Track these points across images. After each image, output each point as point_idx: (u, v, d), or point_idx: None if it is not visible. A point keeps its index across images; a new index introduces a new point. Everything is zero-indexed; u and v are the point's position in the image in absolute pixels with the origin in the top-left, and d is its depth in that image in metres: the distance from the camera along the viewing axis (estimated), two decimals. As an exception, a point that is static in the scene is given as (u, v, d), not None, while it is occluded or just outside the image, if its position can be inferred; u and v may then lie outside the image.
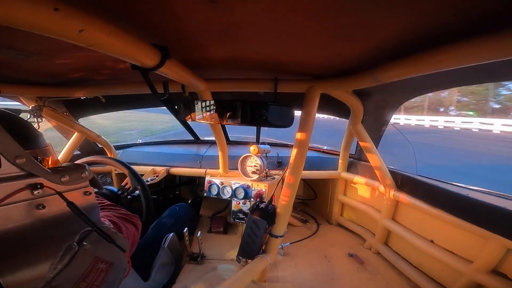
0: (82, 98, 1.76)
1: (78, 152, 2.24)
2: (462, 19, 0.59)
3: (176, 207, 2.07)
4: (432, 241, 1.42)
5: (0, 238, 0.58)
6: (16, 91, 1.42)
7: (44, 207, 0.66)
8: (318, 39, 0.78)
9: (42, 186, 0.66)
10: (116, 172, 2.30)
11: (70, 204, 0.68)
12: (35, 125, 1.58)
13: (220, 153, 2.01)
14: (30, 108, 1.56)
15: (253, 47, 0.88)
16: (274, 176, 2.00)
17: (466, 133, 18.53)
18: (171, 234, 1.61)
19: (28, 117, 1.56)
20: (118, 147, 2.52)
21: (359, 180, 2.00)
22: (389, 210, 1.70)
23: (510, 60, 0.61)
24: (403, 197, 1.58)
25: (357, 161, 2.13)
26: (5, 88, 1.34)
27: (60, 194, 0.69)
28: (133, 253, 0.98)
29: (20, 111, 0.95)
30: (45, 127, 1.77)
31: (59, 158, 2.03)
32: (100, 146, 2.33)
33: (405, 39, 0.74)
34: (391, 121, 1.76)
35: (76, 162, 1.07)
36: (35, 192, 0.64)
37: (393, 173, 1.70)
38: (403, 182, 1.66)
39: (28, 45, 0.80)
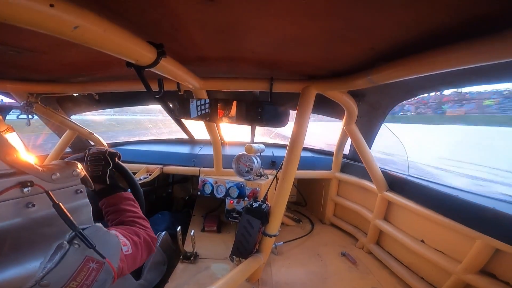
0: (74, 94, 1.73)
1: (70, 150, 2.21)
2: (456, 21, 0.60)
3: (158, 215, 2.06)
4: (422, 241, 1.45)
5: None
6: (7, 87, 1.39)
7: (34, 205, 0.65)
8: (314, 39, 0.78)
9: (32, 184, 0.65)
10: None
11: (55, 205, 0.67)
12: (26, 122, 1.55)
13: (214, 152, 2.01)
14: (21, 104, 1.53)
15: (249, 46, 0.88)
16: (268, 175, 2.00)
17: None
18: (163, 233, 1.60)
19: (19, 113, 1.53)
20: (110, 145, 2.50)
21: (352, 180, 2.02)
22: (381, 210, 1.73)
23: (503, 62, 0.62)
24: (395, 198, 1.60)
25: (350, 162, 2.15)
26: None
27: (47, 193, 0.67)
28: None
29: (11, 107, 0.93)
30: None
31: (49, 155, 2.00)
32: (92, 143, 2.30)
33: (400, 41, 0.75)
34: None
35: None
36: (25, 190, 0.63)
37: (385, 174, 1.72)
38: (395, 183, 1.68)
39: (22, 41, 0.78)
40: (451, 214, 1.27)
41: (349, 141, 2.06)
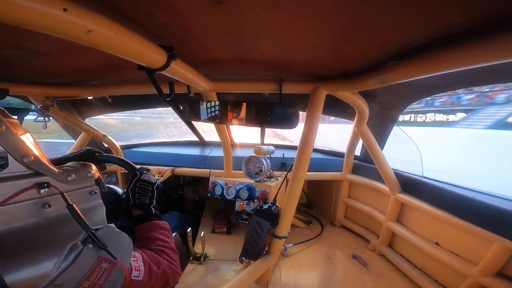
0: (89, 98, 1.78)
1: None
2: (470, 19, 0.59)
3: (166, 215, 2.04)
4: (437, 243, 1.41)
5: (6, 236, 0.58)
6: (24, 90, 1.44)
7: (50, 206, 0.67)
8: (323, 40, 0.78)
9: (48, 185, 0.67)
10: (122, 171, 2.32)
11: (69, 206, 0.69)
12: (43, 125, 1.61)
13: (224, 154, 2.02)
14: (38, 107, 1.59)
15: (258, 47, 0.88)
16: (278, 177, 2.00)
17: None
18: (174, 234, 1.61)
19: (36, 116, 1.59)
20: (123, 147, 2.54)
21: (363, 182, 1.99)
22: (394, 212, 1.69)
23: None
24: (408, 199, 1.57)
25: (362, 163, 2.11)
26: (14, 87, 1.37)
27: (62, 194, 0.69)
28: None
29: (28, 110, 0.97)
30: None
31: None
32: (106, 145, 2.35)
33: (410, 40, 0.74)
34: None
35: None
36: (42, 191, 0.65)
37: (398, 175, 1.68)
38: (408, 184, 1.64)
39: (37, 46, 0.81)
40: (467, 216, 1.24)
41: (360, 142, 2.03)
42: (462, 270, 1.23)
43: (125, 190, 1.12)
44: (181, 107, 2.26)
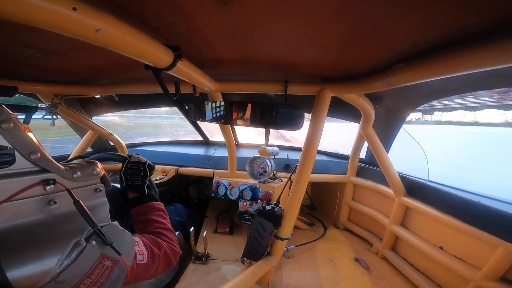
0: (96, 96, 1.80)
1: (91, 150, 2.29)
2: (479, 21, 0.58)
3: (171, 207, 2.04)
4: (441, 248, 1.40)
5: (10, 232, 0.59)
6: (33, 88, 1.47)
7: (55, 203, 0.68)
8: (329, 41, 0.77)
9: (54, 182, 0.68)
10: None
11: (76, 202, 0.69)
12: (51, 122, 1.63)
13: (229, 154, 2.02)
14: (46, 105, 1.61)
15: (263, 48, 0.88)
16: (282, 178, 1.99)
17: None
18: (177, 233, 1.62)
19: (45, 114, 1.61)
20: (128, 146, 2.56)
21: (368, 185, 1.98)
22: (398, 215, 1.68)
23: None
24: (413, 203, 1.55)
25: (366, 166, 2.10)
26: (23, 85, 1.39)
27: (68, 191, 0.70)
28: None
29: (37, 108, 0.99)
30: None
31: (72, 155, 2.08)
32: (112, 144, 2.38)
33: (419, 42, 0.73)
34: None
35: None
36: (48, 188, 0.66)
37: (403, 179, 1.67)
38: (413, 188, 1.63)
39: (47, 44, 0.82)
40: (472, 221, 1.22)
41: (365, 145, 2.01)
42: (465, 275, 1.22)
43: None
44: (187, 107, 2.27)
